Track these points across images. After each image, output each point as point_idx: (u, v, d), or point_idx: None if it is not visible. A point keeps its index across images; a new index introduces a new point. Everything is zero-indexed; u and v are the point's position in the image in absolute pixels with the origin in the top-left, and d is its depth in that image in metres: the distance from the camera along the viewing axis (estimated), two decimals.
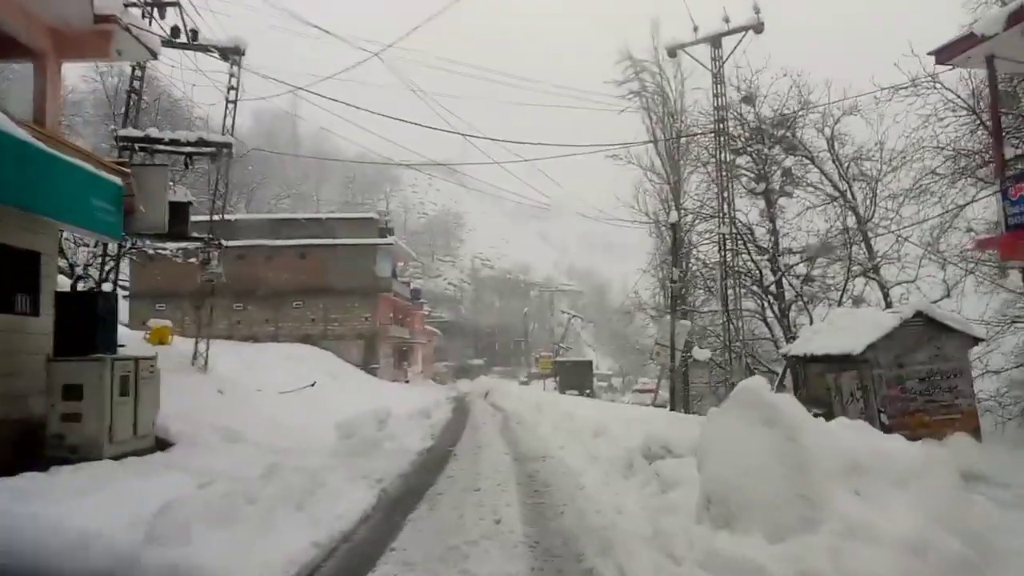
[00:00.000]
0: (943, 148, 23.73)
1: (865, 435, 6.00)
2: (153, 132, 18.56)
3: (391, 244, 45.55)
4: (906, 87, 22.33)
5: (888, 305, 25.40)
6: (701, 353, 21.90)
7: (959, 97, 21.76)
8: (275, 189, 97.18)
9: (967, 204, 24.32)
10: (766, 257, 28.93)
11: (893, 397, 15.74)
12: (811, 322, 27.41)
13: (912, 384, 15.67)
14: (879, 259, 26.36)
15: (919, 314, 15.84)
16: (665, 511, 6.98)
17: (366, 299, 44.83)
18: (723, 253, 21.26)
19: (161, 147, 18.45)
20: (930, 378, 15.80)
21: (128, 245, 37.27)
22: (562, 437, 15.76)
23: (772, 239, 29.54)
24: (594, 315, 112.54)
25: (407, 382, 48.69)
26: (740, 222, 29.39)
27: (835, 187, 26.93)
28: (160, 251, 44.95)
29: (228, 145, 19.16)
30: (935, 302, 20.37)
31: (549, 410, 22.92)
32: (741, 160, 30.21)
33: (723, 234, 21.46)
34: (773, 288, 29.15)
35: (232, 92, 19.40)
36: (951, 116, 22.56)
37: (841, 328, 16.71)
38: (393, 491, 9.70)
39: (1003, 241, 10.83)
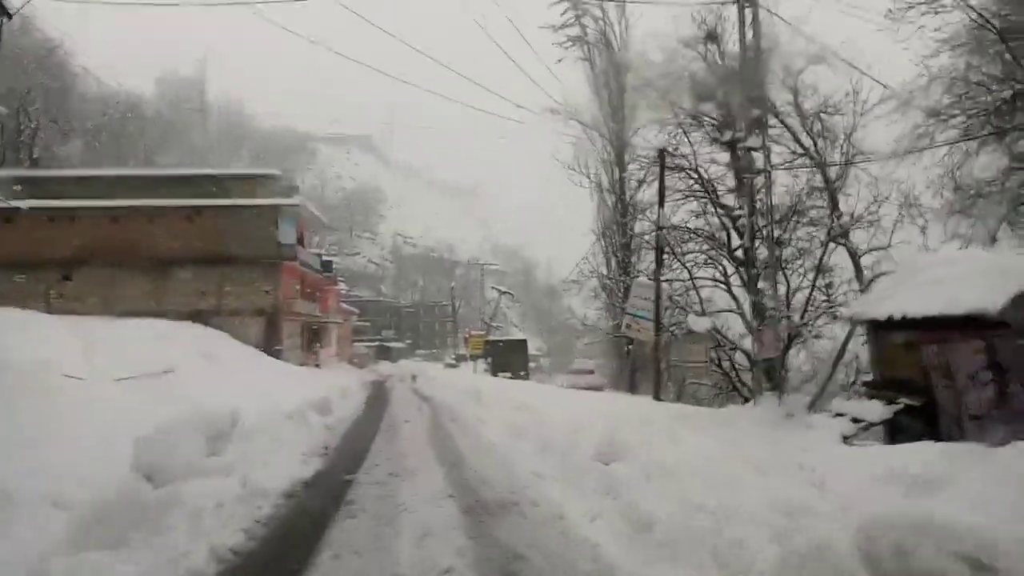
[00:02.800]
0: (957, 80, 19.88)
1: None
2: None
3: (296, 205, 37.92)
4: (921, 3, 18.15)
5: (859, 274, 21.02)
6: (700, 322, 15.83)
7: (982, 18, 17.46)
8: (177, 156, 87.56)
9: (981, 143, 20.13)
10: (727, 215, 24.37)
11: None
12: (788, 290, 22.78)
13: None
14: (853, 222, 22.05)
15: None
16: None
17: (267, 269, 37.15)
18: (750, 180, 15.28)
19: None
20: None
21: None
22: (530, 451, 9.43)
23: (738, 199, 24.85)
24: (520, 294, 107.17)
25: (318, 366, 41.48)
26: (704, 177, 24.85)
27: (798, 142, 22.52)
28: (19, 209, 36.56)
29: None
30: None
31: (492, 400, 16.58)
32: (705, 107, 25.54)
33: (754, 148, 15.48)
34: (740, 253, 24.41)
35: None
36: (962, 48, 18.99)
37: (940, 279, 10.85)
38: None
39: None
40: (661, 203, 16.71)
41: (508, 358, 43.36)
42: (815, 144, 21.80)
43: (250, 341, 34.93)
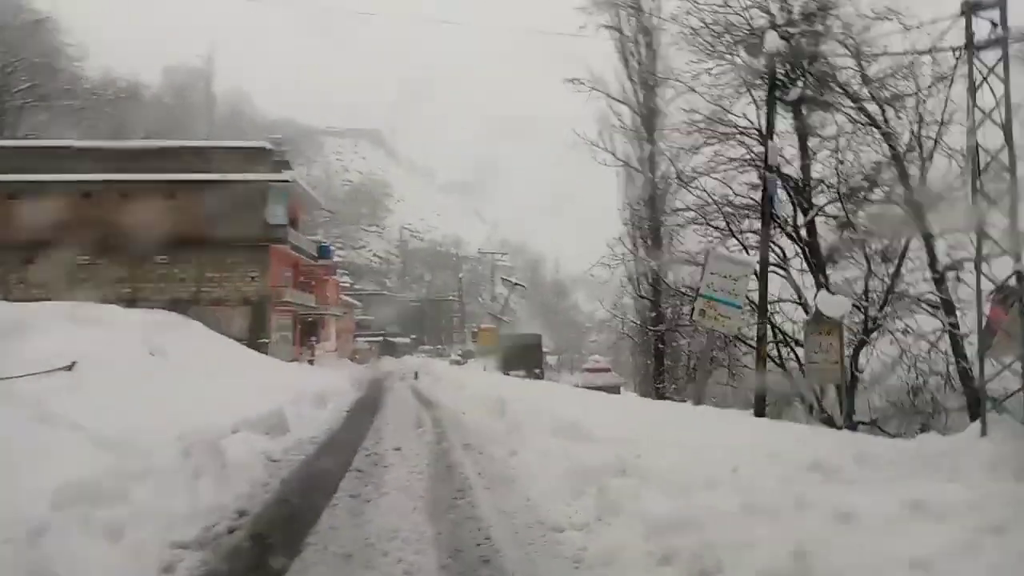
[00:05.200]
0: None
1: None
2: None
3: (288, 181, 32.64)
4: None
5: (933, 262, 16.68)
6: (833, 304, 10.41)
7: None
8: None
9: None
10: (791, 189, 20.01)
11: None
12: (868, 275, 18.45)
13: None
14: (937, 199, 17.63)
15: None
16: None
17: (254, 253, 31.90)
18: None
19: None
20: None
21: None
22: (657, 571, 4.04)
23: (802, 168, 20.33)
24: (527, 290, 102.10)
25: (311, 361, 36.21)
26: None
27: (862, 110, 18.29)
28: None
29: None
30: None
31: (520, 413, 11.18)
32: (761, 62, 20.60)
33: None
34: (803, 233, 19.79)
35: None
36: None
37: None
38: None
39: None
40: (770, 134, 11.38)
41: (521, 355, 38.00)
42: (883, 112, 17.64)
43: (233, 333, 29.67)
